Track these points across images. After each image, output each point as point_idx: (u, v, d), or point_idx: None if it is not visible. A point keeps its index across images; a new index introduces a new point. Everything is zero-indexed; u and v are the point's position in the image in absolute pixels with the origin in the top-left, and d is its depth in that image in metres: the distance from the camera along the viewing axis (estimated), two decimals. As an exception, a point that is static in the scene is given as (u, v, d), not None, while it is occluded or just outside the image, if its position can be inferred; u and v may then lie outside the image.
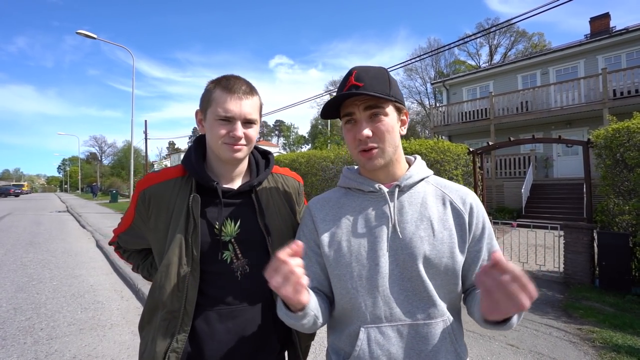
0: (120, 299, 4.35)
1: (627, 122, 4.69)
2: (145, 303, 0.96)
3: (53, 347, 3.03)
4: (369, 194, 0.89)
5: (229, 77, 0.95)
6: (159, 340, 0.88)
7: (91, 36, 14.11)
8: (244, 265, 0.95)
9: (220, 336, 0.91)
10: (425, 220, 0.84)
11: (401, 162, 0.91)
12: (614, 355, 2.72)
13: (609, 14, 16.19)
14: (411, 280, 0.82)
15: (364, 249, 0.84)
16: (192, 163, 0.97)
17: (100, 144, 76.24)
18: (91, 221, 12.55)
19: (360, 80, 0.81)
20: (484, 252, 0.86)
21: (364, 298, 0.82)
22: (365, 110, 0.83)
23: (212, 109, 0.93)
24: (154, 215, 0.95)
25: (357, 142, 0.84)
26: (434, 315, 0.81)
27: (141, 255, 1.16)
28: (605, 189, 4.90)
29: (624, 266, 4.41)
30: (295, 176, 1.18)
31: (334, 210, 0.91)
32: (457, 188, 0.91)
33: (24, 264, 6.14)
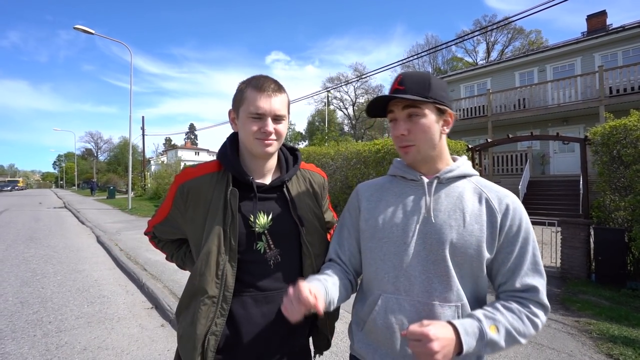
0: (125, 293, 4.40)
1: (624, 119, 4.78)
2: (185, 289, 1.02)
3: (63, 339, 3.08)
4: (411, 182, 0.98)
5: (259, 77, 1.01)
6: (198, 324, 0.93)
7: (89, 31, 13.99)
8: (276, 255, 1.02)
9: (256, 319, 0.97)
10: (458, 212, 0.90)
11: (444, 159, 0.98)
12: (611, 345, 2.82)
13: (606, 11, 16.31)
14: (435, 263, 0.88)
15: (397, 229, 0.93)
16: (229, 159, 1.02)
17: (96, 140, 75.68)
18: (90, 217, 12.53)
19: (402, 84, 0.91)
20: (514, 256, 0.89)
21: (387, 270, 0.92)
22: (403, 110, 0.92)
23: (244, 107, 0.98)
24: (192, 207, 1.00)
25: (397, 139, 0.94)
26: (449, 299, 0.87)
27: (175, 245, 1.21)
28: (601, 186, 4.99)
29: (620, 261, 4.52)
30: (320, 172, 1.25)
31: (377, 193, 1.02)
32: (497, 189, 0.95)
33: (26, 259, 6.16)
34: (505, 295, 0.90)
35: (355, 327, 0.99)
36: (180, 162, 25.12)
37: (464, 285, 0.89)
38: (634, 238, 4.40)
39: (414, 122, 0.91)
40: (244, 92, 0.99)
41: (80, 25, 13.72)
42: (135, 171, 31.18)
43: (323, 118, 39.40)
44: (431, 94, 0.90)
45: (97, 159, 70.83)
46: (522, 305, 0.87)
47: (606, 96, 11.34)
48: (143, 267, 5.37)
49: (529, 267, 0.88)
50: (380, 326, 0.90)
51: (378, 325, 0.90)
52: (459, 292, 0.88)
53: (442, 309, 0.87)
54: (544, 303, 0.87)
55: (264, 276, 1.00)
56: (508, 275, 0.89)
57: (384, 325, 0.89)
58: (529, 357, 2.69)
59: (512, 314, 0.85)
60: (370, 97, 41.99)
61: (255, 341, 0.97)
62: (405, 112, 0.91)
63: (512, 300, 0.88)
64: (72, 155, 73.33)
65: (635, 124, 4.57)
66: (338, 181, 7.96)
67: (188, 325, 0.96)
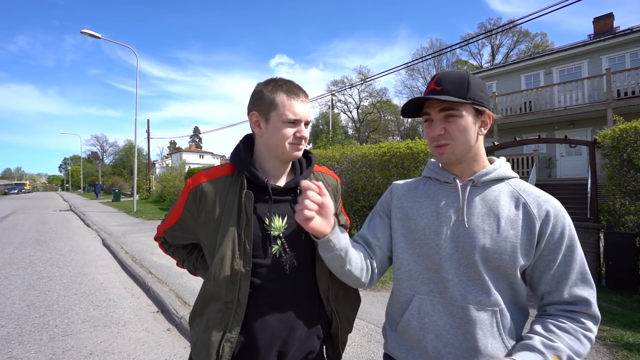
0: (131, 297, 4.39)
1: (634, 122, 4.71)
2: (199, 295, 0.99)
3: (69, 343, 3.07)
4: (444, 184, 0.96)
5: (288, 82, 1.01)
6: (213, 331, 0.91)
7: (96, 35, 14.15)
8: (291, 259, 0.99)
9: (271, 326, 0.94)
10: (492, 216, 0.87)
11: (480, 162, 0.95)
12: (626, 353, 2.75)
13: (613, 14, 16.21)
14: (468, 267, 0.87)
15: (429, 231, 0.92)
16: (243, 161, 1.00)
17: (102, 143, 76.45)
18: (96, 220, 12.60)
19: (439, 84, 0.89)
20: (557, 264, 0.85)
21: (421, 272, 0.92)
22: (439, 112, 0.90)
23: (278, 112, 0.97)
24: (205, 211, 0.98)
25: (432, 139, 0.93)
26: (485, 303, 0.85)
27: (186, 250, 1.19)
28: (611, 189, 4.92)
29: (631, 266, 4.44)
30: (333, 175, 1.23)
31: (410, 192, 1.02)
32: (538, 194, 0.90)
33: (32, 262, 6.19)
34: (554, 308, 0.86)
35: (388, 327, 1.00)
36: (185, 165, 25.23)
37: (500, 291, 0.86)
38: (646, 243, 4.32)
39: (451, 122, 0.89)
40: (275, 96, 0.97)
41: (87, 30, 13.89)
42: (140, 174, 31.38)
43: (327, 121, 39.44)
44: (469, 94, 0.88)
45: (103, 162, 71.46)
46: (575, 322, 0.83)
47: (614, 99, 11.22)
48: (149, 270, 5.37)
49: (577, 276, 0.84)
50: (414, 327, 0.89)
51: (412, 326, 0.90)
52: (496, 296, 0.85)
53: (478, 312, 0.85)
54: (596, 315, 0.84)
55: (280, 281, 0.97)
56: (552, 285, 0.86)
57: (417, 326, 0.89)
58: (541, 365, 2.63)
59: (569, 336, 0.80)
60: (374, 100, 42.00)
61: (271, 349, 0.94)
62: (442, 114, 0.90)
63: (563, 315, 0.84)
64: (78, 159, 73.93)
65: (646, 127, 4.50)
66: (343, 184, 7.93)
67: (202, 332, 0.93)
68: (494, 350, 0.85)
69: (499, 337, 0.85)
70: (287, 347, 0.96)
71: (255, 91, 1.01)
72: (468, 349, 0.85)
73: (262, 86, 1.01)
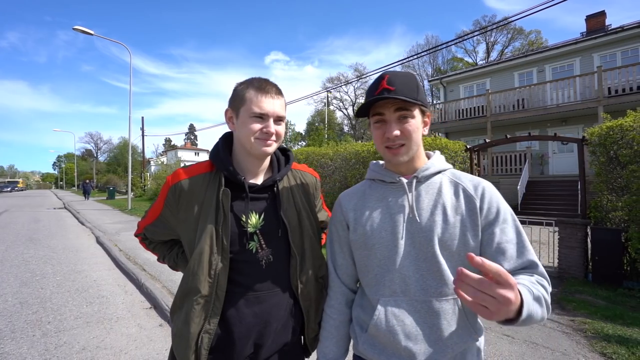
0: (124, 294, 4.42)
1: (620, 120, 4.80)
2: (178, 289, 1.03)
3: (62, 339, 3.10)
4: (390, 185, 1.00)
5: (260, 79, 1.04)
6: (192, 323, 0.95)
7: (88, 32, 14.02)
8: (268, 254, 1.03)
9: (247, 319, 0.98)
10: (439, 207, 0.93)
11: (421, 157, 1.00)
12: (605, 344, 2.84)
13: (605, 12, 16.34)
14: (426, 260, 0.91)
15: (385, 232, 0.95)
16: (221, 159, 1.04)
17: (96, 141, 75.75)
18: (90, 218, 12.55)
19: (391, 84, 0.90)
20: (497, 235, 0.89)
21: (383, 275, 0.94)
22: (395, 112, 0.92)
23: (246, 107, 1.00)
24: (184, 208, 1.02)
25: (385, 139, 0.94)
26: (445, 293, 0.90)
27: (167, 246, 1.22)
28: (599, 186, 5.01)
29: (616, 261, 4.54)
30: (312, 172, 1.26)
31: (360, 201, 1.03)
32: (471, 178, 0.98)
33: (25, 260, 6.18)
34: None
35: (358, 329, 1.01)
36: (180, 162, 25.15)
37: None
38: (630, 238, 4.42)
39: (405, 123, 0.92)
40: (246, 92, 1.01)
41: (79, 26, 13.76)
42: (135, 172, 31.20)
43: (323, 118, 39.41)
44: (419, 96, 0.91)
45: (97, 159, 70.89)
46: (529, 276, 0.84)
47: (605, 96, 11.36)
48: (142, 267, 5.39)
49: (520, 244, 0.89)
50: (383, 329, 0.91)
51: (381, 329, 0.92)
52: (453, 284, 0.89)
53: (440, 303, 0.89)
54: (545, 275, 0.85)
55: (256, 276, 1.01)
56: (499, 257, 0.87)
57: (386, 329, 0.91)
58: (523, 356, 2.72)
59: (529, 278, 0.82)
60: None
61: (247, 341, 0.98)
62: (397, 115, 0.92)
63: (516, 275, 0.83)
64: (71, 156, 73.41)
65: (631, 124, 4.59)
66: (337, 181, 7.99)
67: (182, 324, 0.97)
68: (460, 336, 0.89)
69: (463, 322, 0.90)
70: (263, 339, 1.00)
71: (233, 89, 1.05)
72: (436, 340, 0.89)
73: (237, 84, 1.05)
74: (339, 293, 1.05)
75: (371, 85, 0.96)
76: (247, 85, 1.02)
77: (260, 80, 1.03)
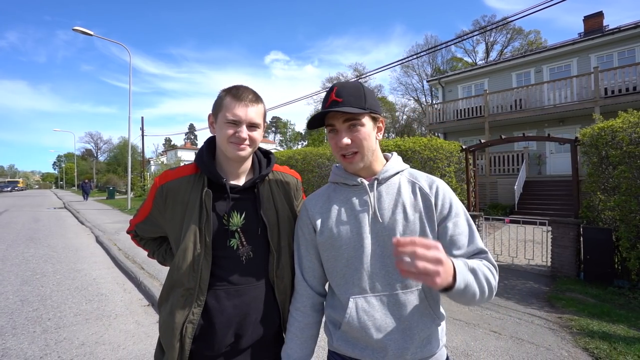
0: (123, 292, 4.50)
1: (611, 121, 4.88)
2: (164, 283, 1.12)
3: (62, 335, 3.18)
4: (353, 187, 1.06)
5: (239, 87, 1.10)
6: (177, 313, 1.03)
7: (88, 33, 14.10)
8: (248, 251, 1.10)
9: (228, 311, 1.06)
10: (399, 206, 1.00)
11: (379, 160, 1.07)
12: (588, 340, 2.92)
13: (602, 12, 16.39)
14: (391, 257, 0.97)
15: (351, 233, 1.00)
16: (204, 162, 1.11)
17: (96, 141, 75.83)
18: (90, 217, 12.64)
19: (339, 96, 0.97)
20: (450, 229, 0.97)
21: (352, 274, 1.00)
22: (344, 122, 0.98)
23: (222, 113, 1.07)
24: (171, 207, 1.10)
25: (339, 148, 1.00)
26: (409, 285, 0.97)
27: (156, 242, 1.31)
28: (591, 186, 5.08)
29: (607, 260, 4.62)
30: (293, 173, 1.33)
31: (325, 204, 1.09)
32: (426, 176, 1.06)
33: (26, 258, 6.27)
34: None
35: (332, 327, 1.06)
36: (180, 162, 25.21)
37: None
38: (621, 237, 4.49)
39: (355, 132, 0.98)
40: (224, 99, 1.08)
41: (79, 27, 13.84)
42: (135, 172, 31.29)
43: (322, 118, 39.37)
44: (367, 104, 0.98)
45: (97, 159, 70.97)
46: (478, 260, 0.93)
47: (601, 97, 11.42)
48: (141, 266, 5.48)
49: (470, 234, 0.98)
50: (356, 326, 0.97)
51: (354, 325, 0.97)
52: None
53: (406, 295, 0.97)
54: (494, 262, 0.94)
55: (236, 271, 1.09)
56: (452, 246, 0.96)
57: (359, 325, 0.96)
58: (508, 351, 2.80)
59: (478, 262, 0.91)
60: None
61: (227, 330, 1.06)
62: (346, 125, 0.98)
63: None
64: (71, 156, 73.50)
65: (622, 125, 4.66)
66: (334, 181, 8.06)
67: (167, 314, 1.05)
68: (425, 323, 0.97)
69: (426, 310, 0.98)
70: (242, 330, 1.07)
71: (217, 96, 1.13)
72: (404, 330, 0.96)
73: (220, 91, 1.12)
74: (305, 296, 1.09)
75: (324, 97, 1.02)
76: (227, 92, 1.09)
77: (238, 88, 1.09)
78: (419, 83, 39.57)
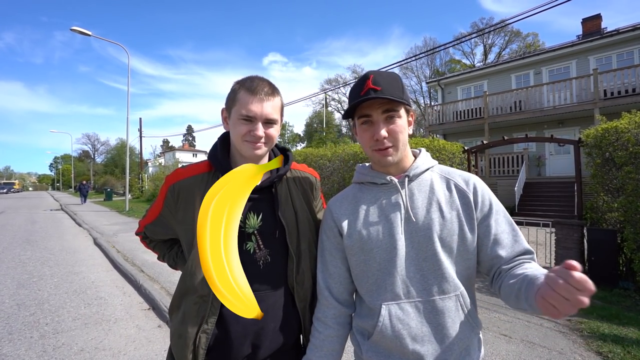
0: (122, 295, 4.41)
1: (615, 122, 4.85)
2: (176, 289, 1.04)
3: (60, 340, 3.09)
4: (382, 186, 0.98)
5: (253, 79, 1.01)
6: (190, 322, 0.96)
7: (86, 33, 14.00)
8: (265, 255, 1.03)
9: (244, 319, 0.97)
10: (434, 204, 0.93)
11: (408, 156, 1.00)
12: (601, 343, 2.87)
13: (601, 15, 16.47)
14: (426, 260, 0.90)
15: (382, 235, 0.93)
16: (219, 159, 1.04)
17: (93, 142, 75.57)
18: (87, 219, 12.51)
19: (377, 84, 0.89)
20: (493, 227, 0.91)
21: (384, 279, 0.92)
22: (382, 113, 0.91)
23: (236, 108, 0.99)
24: (183, 207, 1.02)
25: (374, 141, 0.92)
26: (447, 290, 0.89)
27: (166, 245, 1.23)
28: (595, 187, 5.05)
29: (612, 261, 4.58)
30: (312, 172, 1.25)
31: (351, 205, 1.01)
32: (460, 173, 0.99)
33: (22, 261, 6.16)
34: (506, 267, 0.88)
35: (360, 337, 0.98)
36: (178, 163, 25.10)
37: (458, 273, 0.91)
38: (626, 239, 4.45)
39: (393, 124, 0.91)
40: (237, 92, 1.00)
41: (77, 27, 13.74)
42: (133, 173, 31.11)
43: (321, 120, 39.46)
44: (405, 95, 0.92)
45: (94, 161, 70.62)
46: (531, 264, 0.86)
47: (601, 99, 11.45)
48: (140, 268, 5.39)
49: (514, 233, 0.92)
50: (389, 335, 0.89)
51: (387, 335, 0.89)
52: (455, 281, 0.89)
53: (443, 302, 0.88)
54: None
55: (253, 276, 1.00)
56: (496, 246, 0.90)
57: (392, 334, 0.89)
58: (520, 355, 2.74)
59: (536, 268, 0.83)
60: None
61: (244, 340, 0.98)
62: (385, 115, 0.90)
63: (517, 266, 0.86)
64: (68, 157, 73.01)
65: (627, 126, 4.64)
66: (335, 183, 8.00)
67: (179, 323, 0.98)
68: (463, 332, 0.90)
69: (465, 318, 0.91)
70: (260, 340, 1.00)
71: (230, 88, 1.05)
72: (442, 339, 0.88)
73: (234, 83, 1.04)
74: (326, 305, 1.01)
75: (355, 86, 0.94)
76: (241, 85, 1.01)
77: (253, 80, 1.01)
78: (418, 85, 39.71)
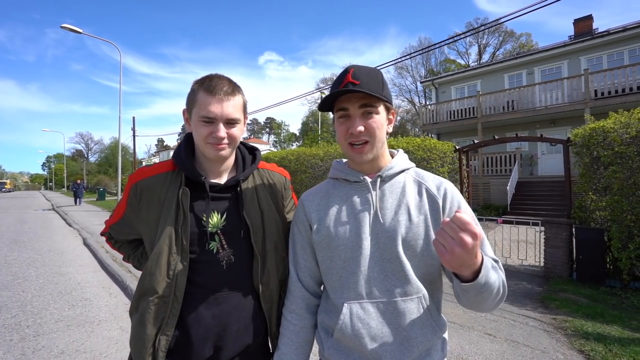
0: (108, 296, 4.36)
1: (602, 121, 4.88)
2: (136, 290, 1.01)
3: (40, 343, 3.04)
4: (354, 184, 0.97)
5: (212, 77, 0.98)
6: (149, 325, 0.93)
7: (76, 30, 13.83)
8: (229, 255, 1.00)
9: (206, 321, 0.96)
10: (403, 207, 0.92)
11: (385, 156, 0.99)
12: (583, 341, 2.88)
13: (592, 16, 16.62)
14: (390, 261, 0.89)
15: (349, 233, 0.92)
16: (182, 158, 1.01)
17: (87, 141, 74.81)
18: (78, 219, 12.36)
19: (356, 78, 0.87)
20: None
21: (348, 277, 0.91)
22: (359, 108, 0.89)
23: (195, 109, 0.96)
24: (145, 207, 1.00)
25: (349, 135, 0.90)
26: (409, 292, 0.89)
27: (132, 245, 1.20)
28: (583, 186, 5.09)
29: (599, 260, 4.62)
30: (281, 171, 1.23)
31: (323, 200, 1.00)
32: (433, 177, 0.98)
33: (8, 262, 6.06)
34: None
35: (323, 334, 0.98)
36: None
37: (420, 276, 0.90)
38: (613, 237, 4.49)
39: (369, 119, 0.89)
40: (196, 93, 0.96)
41: (68, 24, 13.56)
42: (126, 172, 30.85)
43: (317, 119, 39.41)
44: (384, 92, 0.90)
45: (88, 160, 69.95)
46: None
47: (591, 99, 11.55)
48: (128, 269, 5.32)
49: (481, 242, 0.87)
50: (349, 334, 0.89)
51: (346, 333, 0.89)
52: (417, 283, 0.89)
53: (405, 303, 0.88)
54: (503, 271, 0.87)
55: (216, 277, 0.98)
56: None
57: (352, 333, 0.89)
58: (504, 354, 2.74)
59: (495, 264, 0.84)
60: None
61: (206, 342, 0.96)
62: (362, 110, 0.89)
63: None
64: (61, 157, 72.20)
65: (612, 126, 4.67)
66: (327, 182, 7.99)
67: (138, 325, 0.95)
68: (425, 335, 0.89)
69: (427, 320, 0.90)
70: (223, 342, 0.98)
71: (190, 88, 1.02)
72: (402, 341, 0.88)
73: (193, 83, 1.00)
74: (299, 297, 1.01)
75: (336, 79, 0.92)
76: (199, 85, 0.97)
77: (212, 79, 0.98)
78: (413, 84, 39.77)
